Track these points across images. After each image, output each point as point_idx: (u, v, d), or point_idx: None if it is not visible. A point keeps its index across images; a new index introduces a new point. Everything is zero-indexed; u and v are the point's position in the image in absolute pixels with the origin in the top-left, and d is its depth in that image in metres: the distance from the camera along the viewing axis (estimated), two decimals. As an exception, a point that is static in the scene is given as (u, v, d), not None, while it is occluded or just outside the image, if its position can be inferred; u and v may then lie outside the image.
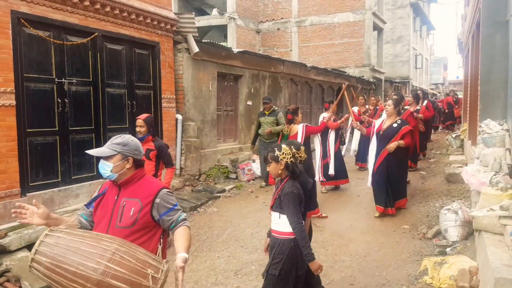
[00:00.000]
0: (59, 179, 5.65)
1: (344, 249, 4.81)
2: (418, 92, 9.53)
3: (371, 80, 18.86)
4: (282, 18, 19.82)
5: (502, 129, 5.28)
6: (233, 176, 8.48)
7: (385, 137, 5.75)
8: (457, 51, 17.08)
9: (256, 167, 8.70)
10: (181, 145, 7.78)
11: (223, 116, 9.36)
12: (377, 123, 6.11)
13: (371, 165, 5.94)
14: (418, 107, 8.70)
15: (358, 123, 6.18)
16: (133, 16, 6.54)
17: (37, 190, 5.31)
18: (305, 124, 5.82)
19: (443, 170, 7.76)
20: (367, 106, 9.33)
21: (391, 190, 5.79)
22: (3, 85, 4.84)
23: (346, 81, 15.18)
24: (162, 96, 7.35)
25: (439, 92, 25.23)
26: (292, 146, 3.06)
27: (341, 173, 7.31)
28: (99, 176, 6.20)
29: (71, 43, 5.72)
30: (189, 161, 7.90)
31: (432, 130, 15.08)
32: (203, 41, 8.44)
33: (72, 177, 5.84)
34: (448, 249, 4.38)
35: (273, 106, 8.05)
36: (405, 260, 4.39)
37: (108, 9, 6.08)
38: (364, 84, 18.30)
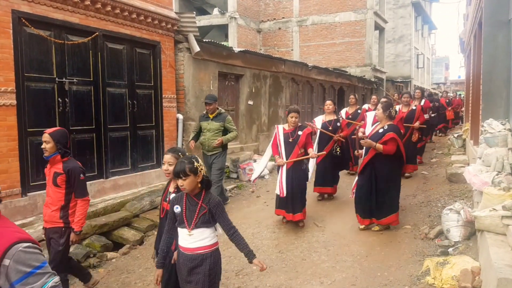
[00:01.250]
0: (60, 179, 5.63)
1: (346, 249, 4.79)
2: (417, 93, 9.20)
3: (373, 79, 18.85)
4: (283, 18, 19.82)
5: (505, 129, 5.26)
6: (234, 176, 8.46)
7: None
8: (459, 51, 17.05)
9: (257, 167, 8.67)
10: (182, 144, 7.77)
11: (224, 115, 9.34)
12: (369, 128, 5.77)
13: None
14: (413, 107, 8.19)
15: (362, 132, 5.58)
16: (134, 16, 6.53)
17: (38, 190, 5.30)
18: (279, 125, 5.66)
19: (445, 170, 7.74)
20: (366, 107, 8.83)
21: (376, 202, 5.17)
22: (3, 85, 4.83)
23: (348, 82, 15.08)
24: (163, 95, 7.34)
25: (440, 92, 25.14)
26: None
27: (328, 181, 6.75)
28: (99, 176, 6.25)
29: (71, 42, 5.71)
30: (190, 161, 7.88)
31: (438, 132, 15.02)
32: (204, 40, 8.43)
33: (73, 177, 5.82)
34: (450, 249, 4.36)
35: (219, 108, 6.50)
36: (407, 261, 4.37)
37: (109, 8, 6.07)
38: (366, 84, 18.29)
